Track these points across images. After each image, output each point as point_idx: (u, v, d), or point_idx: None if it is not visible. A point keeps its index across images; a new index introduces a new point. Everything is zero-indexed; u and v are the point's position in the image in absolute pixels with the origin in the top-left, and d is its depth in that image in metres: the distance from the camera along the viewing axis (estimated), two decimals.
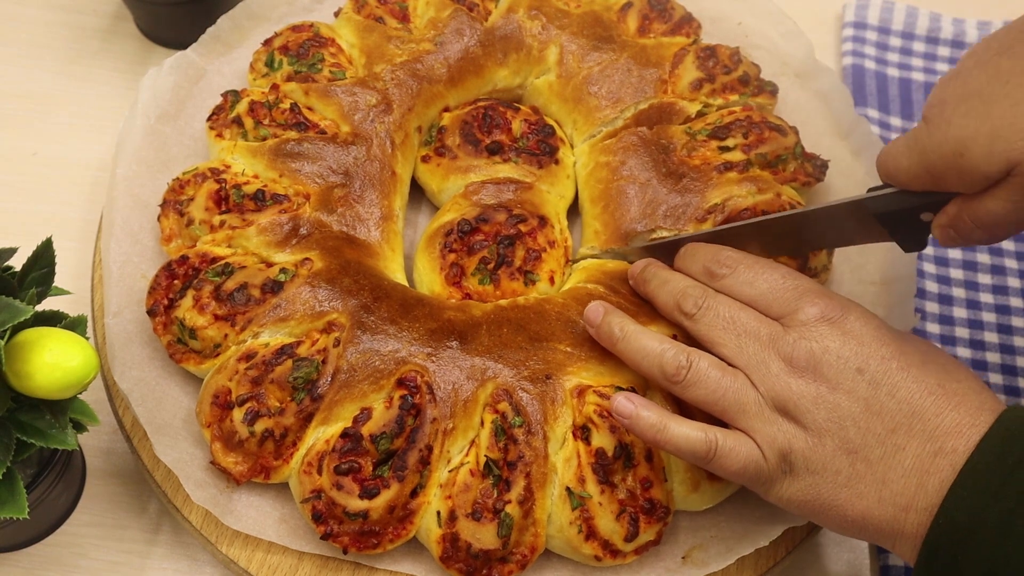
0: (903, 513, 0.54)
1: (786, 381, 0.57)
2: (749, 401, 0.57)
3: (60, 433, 0.55)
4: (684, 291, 0.63)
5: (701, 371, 0.58)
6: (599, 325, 0.64)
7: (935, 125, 0.56)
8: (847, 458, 0.55)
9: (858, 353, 0.56)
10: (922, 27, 0.97)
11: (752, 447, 0.57)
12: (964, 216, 0.57)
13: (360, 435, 0.62)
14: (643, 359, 0.61)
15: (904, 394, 0.55)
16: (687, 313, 0.62)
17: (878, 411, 0.55)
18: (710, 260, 0.64)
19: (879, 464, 0.54)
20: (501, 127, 0.79)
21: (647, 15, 0.85)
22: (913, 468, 0.54)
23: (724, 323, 0.60)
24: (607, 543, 0.62)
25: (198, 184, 0.72)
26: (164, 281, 0.69)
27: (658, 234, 0.73)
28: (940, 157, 0.55)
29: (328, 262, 0.69)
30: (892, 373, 0.55)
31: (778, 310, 0.60)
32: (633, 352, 0.62)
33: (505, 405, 0.64)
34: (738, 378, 0.58)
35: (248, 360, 0.65)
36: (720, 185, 0.74)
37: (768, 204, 0.72)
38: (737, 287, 0.62)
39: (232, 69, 0.83)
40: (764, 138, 0.76)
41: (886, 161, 0.60)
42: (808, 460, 0.56)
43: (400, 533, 0.62)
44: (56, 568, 0.68)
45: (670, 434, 0.57)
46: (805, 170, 0.77)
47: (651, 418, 0.58)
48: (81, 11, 0.95)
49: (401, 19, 0.83)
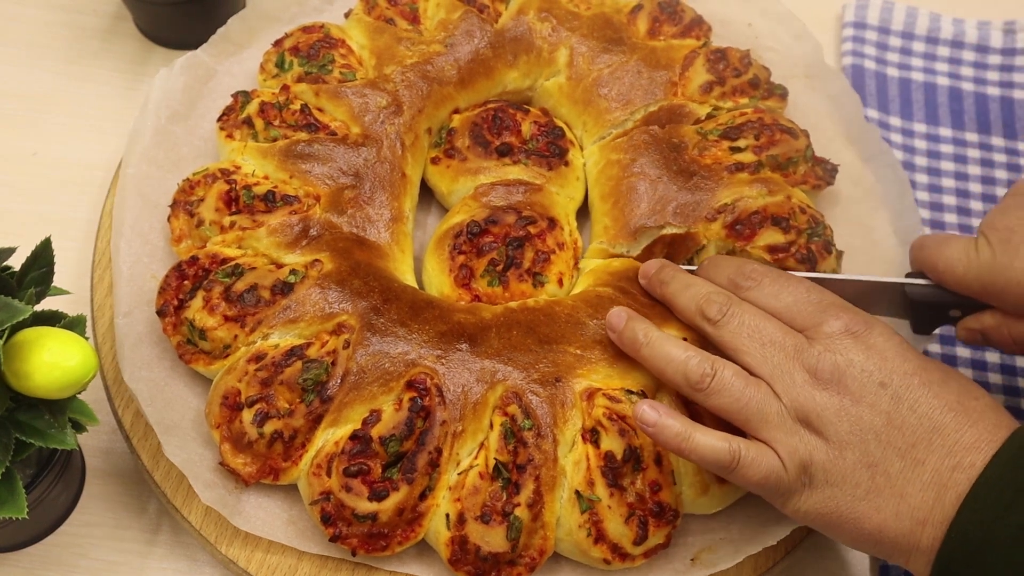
0: (920, 527, 0.54)
1: (810, 393, 0.57)
2: (772, 412, 0.57)
3: (59, 433, 0.55)
4: (708, 296, 0.63)
5: (725, 380, 0.58)
6: (622, 331, 0.64)
7: (1002, 251, 0.59)
8: (867, 471, 0.55)
9: (881, 367, 0.57)
10: (922, 27, 0.97)
11: (773, 458, 0.57)
12: (1005, 330, 0.62)
13: (369, 437, 0.62)
14: (667, 366, 0.61)
15: (925, 409, 0.55)
16: (711, 319, 0.62)
17: (899, 425, 0.55)
18: (735, 272, 0.64)
19: (898, 478, 0.55)
20: (511, 129, 0.79)
21: (657, 17, 0.85)
22: (931, 482, 0.54)
23: (749, 331, 0.60)
24: (616, 546, 0.62)
25: (208, 185, 0.72)
26: (174, 282, 0.69)
27: (667, 230, 0.73)
28: (1004, 281, 0.60)
29: (338, 264, 0.69)
30: (914, 388, 0.56)
31: (802, 322, 0.60)
32: (657, 359, 0.62)
33: (515, 408, 0.64)
34: (761, 388, 0.58)
35: (258, 361, 0.65)
36: (731, 185, 0.74)
37: (778, 206, 0.72)
38: (762, 299, 0.62)
39: (242, 69, 0.83)
40: (775, 140, 0.76)
41: (939, 263, 0.63)
42: (828, 472, 0.56)
43: (409, 535, 0.62)
44: (56, 568, 0.68)
45: (694, 443, 0.57)
46: (815, 174, 0.77)
47: (675, 427, 0.58)
48: (81, 11, 0.94)
49: (411, 20, 0.83)
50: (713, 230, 0.73)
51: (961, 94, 0.93)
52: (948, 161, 0.89)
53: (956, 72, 0.95)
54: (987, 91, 0.93)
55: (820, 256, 0.72)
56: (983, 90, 0.94)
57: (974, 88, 0.94)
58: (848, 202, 0.80)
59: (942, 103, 0.93)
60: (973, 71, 0.95)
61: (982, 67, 0.95)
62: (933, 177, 0.88)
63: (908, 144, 0.90)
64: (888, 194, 0.79)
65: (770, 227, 0.72)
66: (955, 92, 0.93)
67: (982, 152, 0.90)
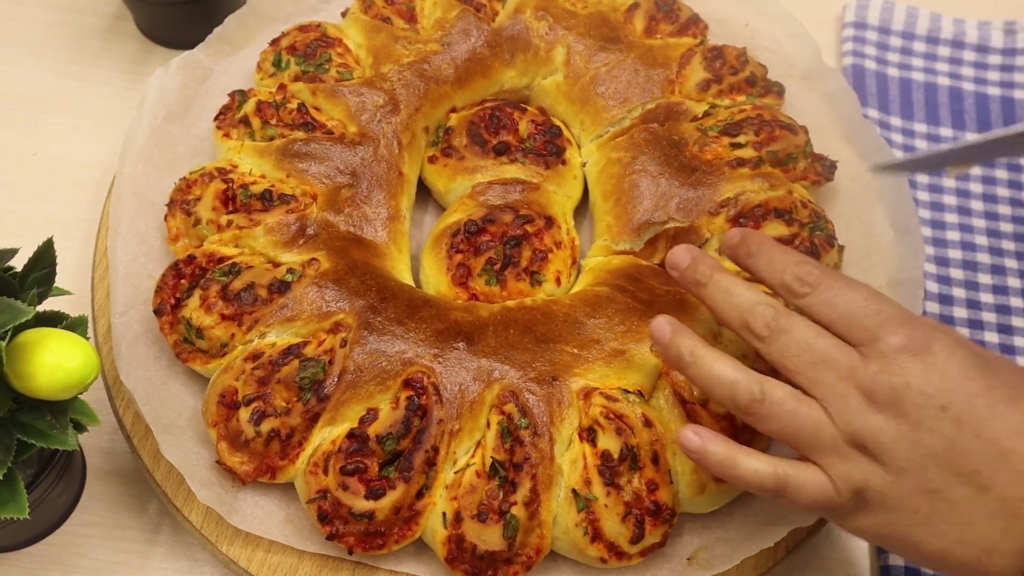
0: (987, 556, 0.51)
1: (865, 417, 0.53)
2: (825, 436, 0.54)
3: (60, 433, 0.55)
4: (753, 309, 0.58)
5: (775, 404, 0.55)
6: (667, 346, 0.60)
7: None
8: (927, 497, 0.52)
9: (942, 389, 0.53)
10: (922, 27, 0.97)
11: (824, 481, 0.54)
12: None
13: (366, 436, 0.62)
14: (715, 387, 0.57)
15: (990, 434, 0.52)
16: (757, 335, 0.57)
17: (962, 451, 0.52)
18: (791, 276, 0.59)
19: (962, 505, 0.52)
20: (508, 128, 0.79)
21: (654, 16, 0.85)
22: (999, 511, 0.51)
23: (799, 349, 0.56)
24: (612, 545, 0.62)
25: (205, 184, 0.72)
26: (171, 280, 0.69)
27: (670, 225, 0.73)
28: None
29: (335, 262, 0.69)
30: (978, 410, 0.52)
31: (858, 336, 0.56)
32: (704, 379, 0.58)
33: (511, 407, 0.64)
34: (813, 410, 0.55)
35: (255, 360, 0.65)
36: (733, 180, 0.74)
37: (780, 200, 0.73)
38: (816, 307, 0.57)
39: (239, 69, 0.83)
40: (775, 136, 0.76)
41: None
42: (885, 498, 0.53)
43: (406, 534, 0.62)
44: (56, 568, 0.68)
45: (740, 471, 0.55)
46: (815, 169, 0.77)
47: (719, 454, 0.56)
48: (81, 11, 0.94)
49: (408, 19, 0.83)
50: (717, 224, 0.73)
51: (962, 94, 0.93)
52: None
53: (957, 72, 0.95)
54: (988, 91, 0.93)
55: (823, 249, 0.72)
56: (984, 90, 0.93)
57: (975, 88, 0.94)
58: (846, 197, 0.80)
59: (943, 103, 0.93)
60: (974, 71, 0.95)
61: (983, 67, 0.95)
62: (934, 177, 0.88)
63: (909, 144, 0.90)
64: (885, 189, 0.79)
65: (774, 219, 0.72)
66: (956, 92, 0.93)
67: None
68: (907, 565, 0.69)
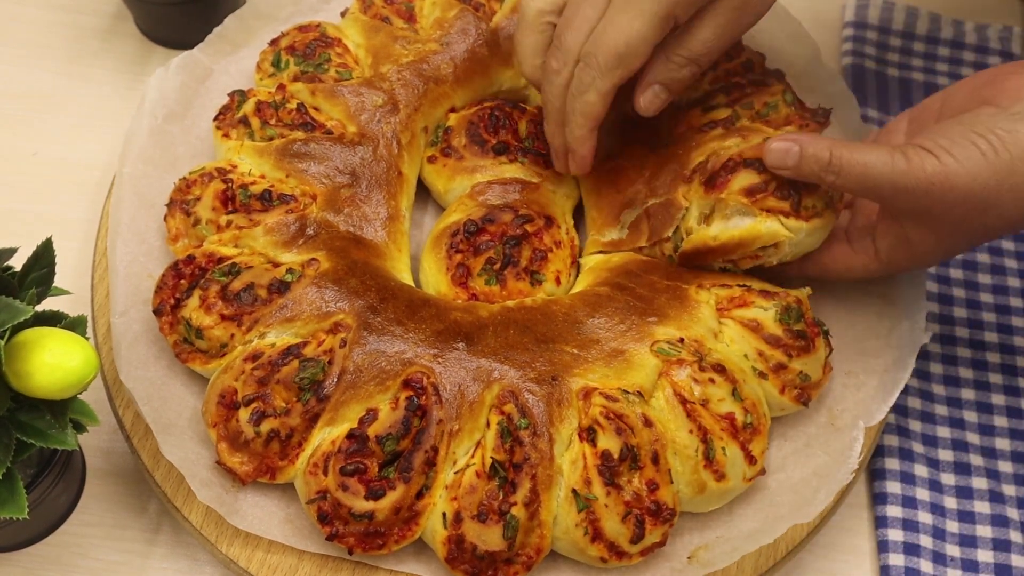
0: None
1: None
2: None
3: (60, 433, 0.55)
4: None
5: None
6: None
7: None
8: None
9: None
10: (922, 27, 0.97)
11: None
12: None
13: (366, 436, 0.62)
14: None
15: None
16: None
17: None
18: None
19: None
20: (507, 127, 0.79)
21: None
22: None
23: None
24: (613, 545, 0.62)
25: (205, 184, 0.72)
26: (171, 280, 0.69)
27: (649, 203, 0.73)
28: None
29: (335, 262, 0.69)
30: None
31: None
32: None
33: (511, 407, 0.64)
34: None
35: (254, 360, 0.65)
36: (702, 144, 0.73)
37: (755, 150, 0.69)
38: None
39: (239, 69, 0.83)
40: (747, 93, 0.75)
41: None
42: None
43: (405, 534, 0.62)
44: (56, 568, 0.68)
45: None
46: (801, 115, 0.75)
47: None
48: (81, 11, 0.95)
49: (407, 19, 0.83)
50: (693, 190, 0.71)
51: None
52: None
53: (956, 72, 0.95)
54: None
55: (805, 190, 0.67)
56: None
57: None
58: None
59: None
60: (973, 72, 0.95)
61: (982, 68, 0.95)
62: None
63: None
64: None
65: (743, 170, 0.68)
66: None
67: None
68: (907, 565, 0.69)
